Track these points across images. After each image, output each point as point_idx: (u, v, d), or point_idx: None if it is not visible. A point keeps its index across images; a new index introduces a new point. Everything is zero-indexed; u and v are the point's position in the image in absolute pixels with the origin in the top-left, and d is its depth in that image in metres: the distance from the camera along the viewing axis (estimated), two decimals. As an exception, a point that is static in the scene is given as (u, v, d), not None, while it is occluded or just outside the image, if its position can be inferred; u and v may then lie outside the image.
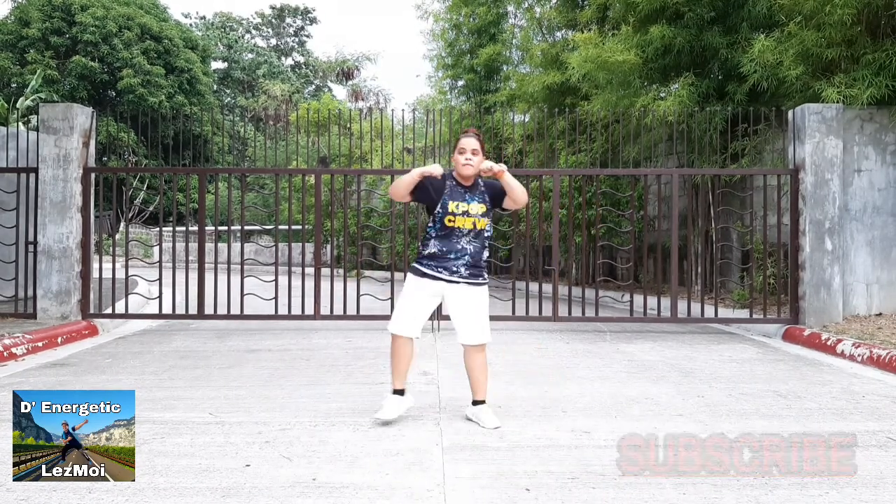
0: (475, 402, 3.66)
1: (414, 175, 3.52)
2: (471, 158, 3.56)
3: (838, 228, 6.87)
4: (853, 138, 7.09)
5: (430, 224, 3.64)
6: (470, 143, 3.58)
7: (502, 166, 3.54)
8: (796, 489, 2.72)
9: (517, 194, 3.57)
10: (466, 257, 3.56)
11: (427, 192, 3.61)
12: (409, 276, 3.69)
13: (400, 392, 3.65)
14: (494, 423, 3.53)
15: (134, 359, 5.53)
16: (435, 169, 3.55)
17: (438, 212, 3.58)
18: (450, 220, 3.55)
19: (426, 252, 3.62)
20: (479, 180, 3.68)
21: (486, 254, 3.66)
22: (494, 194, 3.65)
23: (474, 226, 3.57)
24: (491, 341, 3.67)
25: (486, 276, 3.66)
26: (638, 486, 2.73)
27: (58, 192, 7.01)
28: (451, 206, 3.55)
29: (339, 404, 4.03)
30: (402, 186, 3.58)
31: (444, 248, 3.57)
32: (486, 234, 3.64)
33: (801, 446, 3.27)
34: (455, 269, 3.56)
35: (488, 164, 3.54)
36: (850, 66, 7.07)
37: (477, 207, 3.58)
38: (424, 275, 3.60)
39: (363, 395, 4.25)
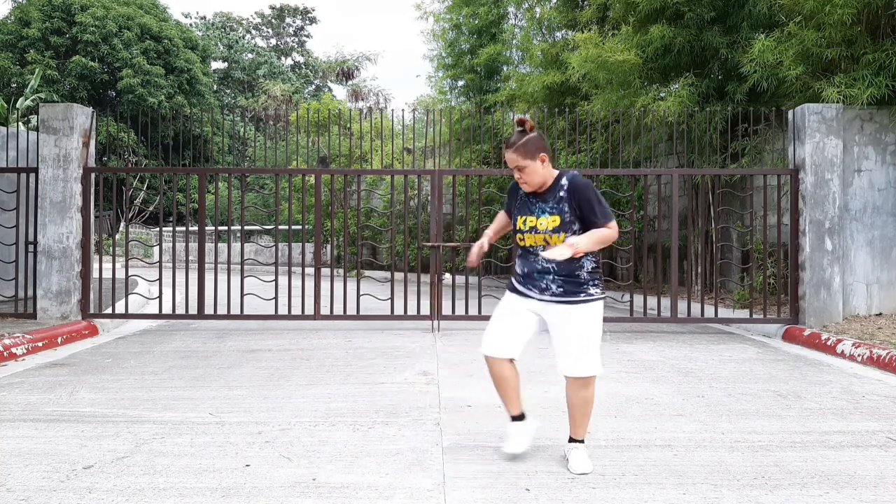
0: (570, 440, 3.05)
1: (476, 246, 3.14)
2: (520, 178, 2.94)
3: (838, 228, 6.87)
4: (853, 138, 7.09)
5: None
6: (512, 159, 2.91)
7: (567, 249, 2.75)
8: (796, 489, 2.72)
9: (606, 242, 2.89)
10: (552, 275, 2.90)
11: (512, 206, 3.13)
12: (506, 291, 3.15)
13: (519, 417, 3.11)
14: (580, 468, 2.89)
15: (134, 359, 5.54)
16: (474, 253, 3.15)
17: (512, 229, 3.09)
18: (520, 239, 3.00)
19: (515, 269, 3.11)
20: (563, 180, 2.93)
21: (587, 264, 2.90)
22: (581, 206, 2.87)
23: (546, 243, 2.89)
24: (597, 374, 2.92)
25: (591, 290, 2.90)
26: (638, 486, 2.73)
27: (58, 192, 7.01)
28: (519, 222, 3.00)
29: (339, 404, 4.03)
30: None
31: (527, 269, 2.99)
32: None
33: (802, 446, 3.27)
34: (545, 286, 2.92)
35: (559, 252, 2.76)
36: (850, 65, 7.07)
37: (548, 221, 2.89)
38: (515, 290, 3.05)
39: (363, 395, 4.25)
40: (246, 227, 17.80)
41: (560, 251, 2.74)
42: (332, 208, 14.63)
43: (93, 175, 7.29)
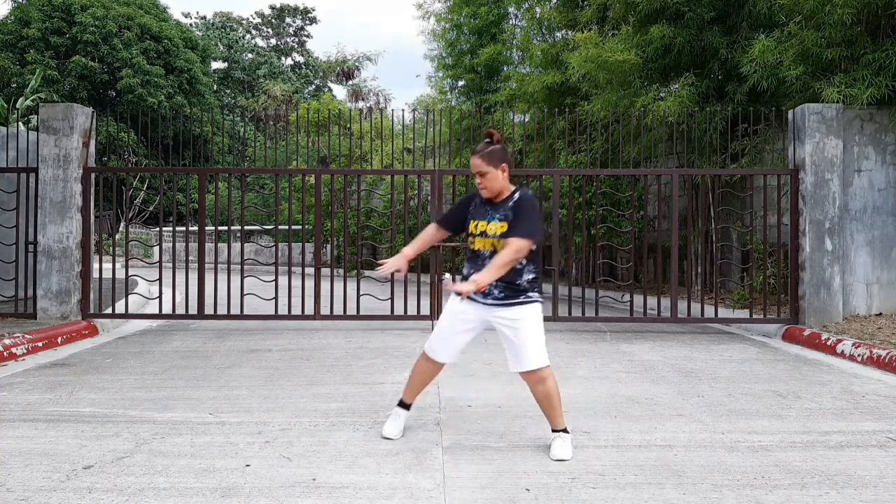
0: (553, 430, 3.23)
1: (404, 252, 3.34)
2: (481, 183, 3.16)
3: (838, 228, 6.87)
4: (853, 138, 7.09)
5: None
6: (476, 164, 3.15)
7: (471, 286, 2.98)
8: (796, 489, 2.72)
9: (509, 265, 3.07)
10: (497, 282, 3.11)
11: (459, 217, 3.34)
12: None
13: (407, 406, 3.43)
14: (558, 454, 3.08)
15: (134, 359, 5.54)
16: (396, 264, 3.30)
17: (465, 233, 3.29)
18: (471, 242, 3.23)
19: (461, 271, 3.32)
20: (517, 193, 3.19)
21: (525, 275, 3.14)
22: (517, 213, 3.14)
23: (494, 248, 3.12)
24: (541, 366, 3.13)
25: (530, 294, 3.16)
26: (638, 486, 2.73)
27: (58, 192, 7.01)
28: (471, 226, 3.22)
29: (339, 404, 4.03)
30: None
31: (473, 272, 3.17)
32: None
33: (801, 446, 3.27)
34: (488, 291, 3.14)
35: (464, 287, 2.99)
36: (850, 65, 7.07)
37: (497, 227, 3.12)
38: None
39: (363, 395, 4.25)
40: (246, 227, 17.80)
41: (466, 287, 2.98)
42: (332, 208, 14.63)
43: (93, 175, 7.29)
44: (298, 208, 14.09)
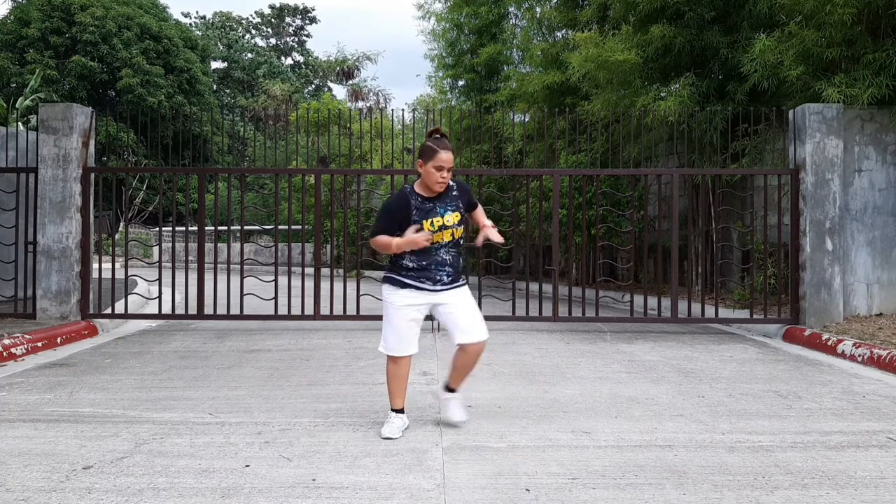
0: (449, 389, 3.62)
1: (401, 244, 3.29)
2: (446, 177, 3.33)
3: (839, 228, 6.86)
4: (853, 138, 7.08)
5: None
6: (450, 159, 3.31)
7: (497, 233, 3.49)
8: (796, 489, 2.72)
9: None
10: (447, 267, 3.40)
11: (399, 223, 3.36)
12: (388, 288, 3.45)
13: (401, 411, 3.49)
14: (459, 417, 3.58)
15: (134, 359, 5.53)
16: (419, 237, 3.27)
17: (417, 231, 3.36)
18: (426, 239, 3.31)
19: (403, 263, 3.39)
20: (452, 183, 3.45)
21: (462, 261, 3.53)
22: (469, 201, 3.52)
23: (453, 236, 3.41)
24: (488, 336, 3.51)
25: (464, 277, 3.57)
26: (638, 487, 2.73)
27: (57, 192, 7.01)
28: (426, 224, 3.33)
29: (338, 404, 4.03)
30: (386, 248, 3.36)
31: (424, 262, 3.37)
32: (461, 240, 3.47)
33: (802, 446, 3.27)
34: (438, 278, 3.39)
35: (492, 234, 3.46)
36: (851, 65, 7.07)
37: (452, 217, 3.39)
38: (406, 285, 3.39)
39: (363, 395, 4.25)
40: (246, 227, 17.79)
41: (494, 234, 3.46)
42: (332, 208, 14.62)
43: (92, 175, 7.29)
44: (298, 208, 14.08)
